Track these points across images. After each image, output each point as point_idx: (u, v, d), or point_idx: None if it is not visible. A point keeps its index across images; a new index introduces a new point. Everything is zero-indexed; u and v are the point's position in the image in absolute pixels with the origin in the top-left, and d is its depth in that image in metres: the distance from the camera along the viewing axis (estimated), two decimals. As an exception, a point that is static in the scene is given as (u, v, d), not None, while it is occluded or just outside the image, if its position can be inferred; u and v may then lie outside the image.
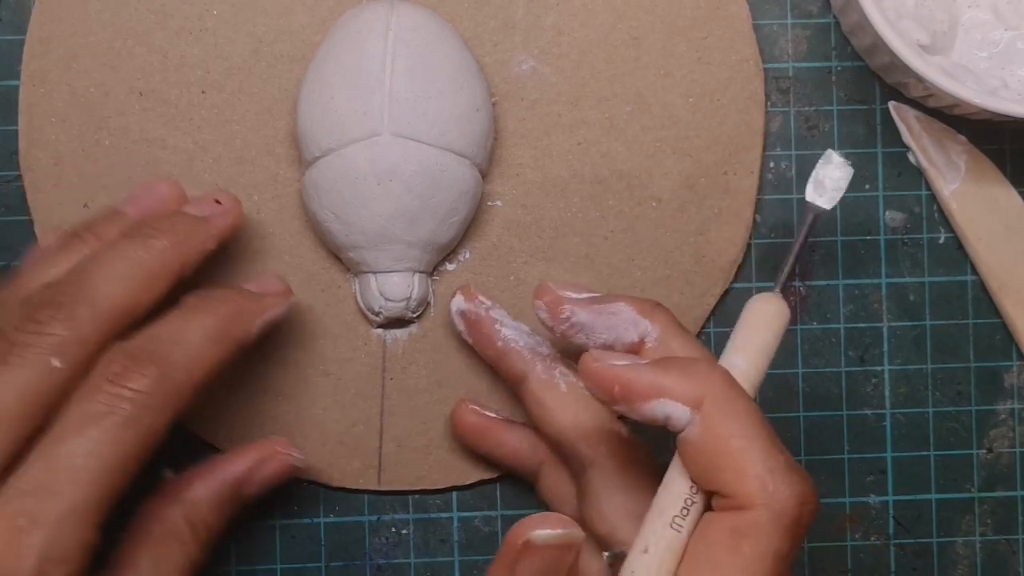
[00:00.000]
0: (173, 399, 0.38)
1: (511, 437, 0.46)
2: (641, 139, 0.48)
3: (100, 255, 0.40)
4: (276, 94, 0.47)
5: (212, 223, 0.43)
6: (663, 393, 0.37)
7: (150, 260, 0.40)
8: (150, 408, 0.37)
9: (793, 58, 0.49)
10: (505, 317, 0.45)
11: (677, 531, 0.37)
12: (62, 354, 0.37)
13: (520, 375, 0.44)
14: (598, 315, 0.41)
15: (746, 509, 0.36)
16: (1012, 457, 0.49)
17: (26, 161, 0.47)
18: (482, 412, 0.47)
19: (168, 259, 0.41)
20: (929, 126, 0.48)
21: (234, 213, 0.44)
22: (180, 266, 0.41)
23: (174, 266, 0.41)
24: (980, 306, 0.49)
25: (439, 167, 0.44)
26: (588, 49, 0.48)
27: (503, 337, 0.45)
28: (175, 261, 0.41)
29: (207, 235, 0.42)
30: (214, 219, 0.43)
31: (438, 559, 0.48)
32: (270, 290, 0.44)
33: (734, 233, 0.48)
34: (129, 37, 0.47)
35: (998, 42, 0.47)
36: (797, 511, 0.36)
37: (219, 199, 0.44)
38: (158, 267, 0.40)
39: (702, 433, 0.36)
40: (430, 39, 0.45)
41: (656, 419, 0.37)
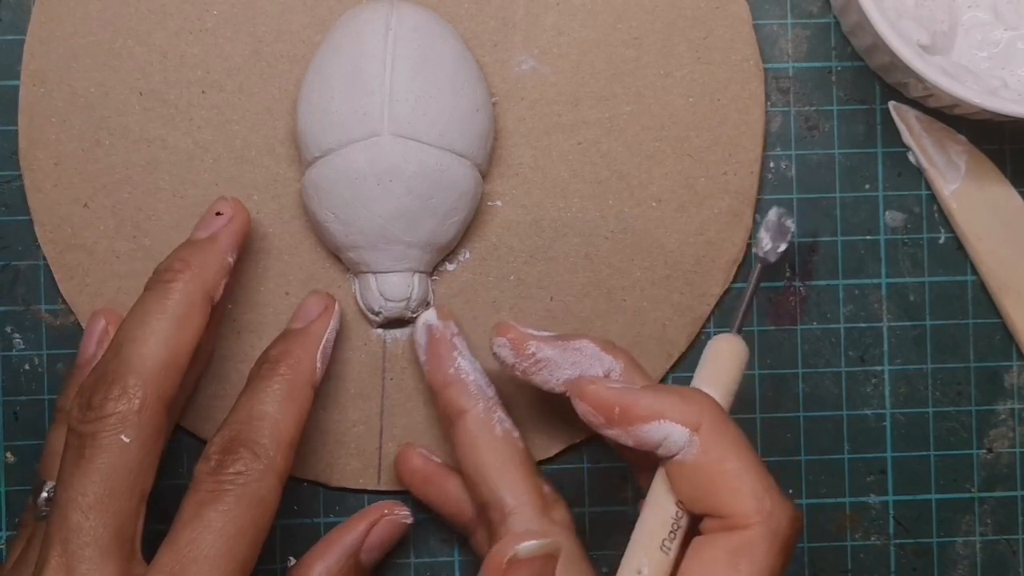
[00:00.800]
0: (271, 466, 0.39)
1: (455, 486, 0.46)
2: (641, 139, 0.48)
3: (128, 319, 0.41)
4: (276, 94, 0.47)
5: (222, 239, 0.44)
6: (662, 415, 0.38)
7: (175, 305, 0.41)
8: (253, 481, 0.39)
9: (793, 58, 0.49)
10: (465, 348, 0.45)
11: (666, 553, 0.38)
12: (128, 429, 0.38)
13: (459, 409, 0.44)
14: (563, 351, 0.42)
15: (742, 529, 0.37)
16: (1012, 457, 0.49)
17: (26, 161, 0.47)
18: (429, 457, 0.47)
19: (192, 295, 0.41)
20: (929, 126, 0.48)
21: (239, 219, 0.44)
22: (206, 295, 0.42)
23: (199, 298, 0.42)
24: (980, 306, 0.49)
25: (439, 167, 0.44)
26: (588, 49, 0.48)
27: (456, 365, 0.45)
28: (198, 292, 0.42)
29: (221, 253, 0.43)
30: (222, 234, 0.44)
31: (438, 559, 0.48)
32: (312, 315, 0.45)
33: (734, 233, 0.48)
34: (129, 37, 0.47)
35: (998, 42, 0.47)
36: (790, 530, 0.37)
37: (220, 210, 0.44)
38: (184, 308, 0.41)
39: (699, 455, 0.38)
40: (430, 39, 0.45)
41: (652, 441, 0.38)
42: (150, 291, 0.42)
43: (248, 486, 0.39)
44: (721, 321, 0.48)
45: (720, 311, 0.48)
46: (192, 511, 0.38)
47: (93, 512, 0.37)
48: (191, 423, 0.47)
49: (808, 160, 0.49)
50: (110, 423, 0.38)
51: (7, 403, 0.48)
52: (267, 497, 0.39)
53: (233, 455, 0.39)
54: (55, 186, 0.47)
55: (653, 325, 0.48)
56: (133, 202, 0.47)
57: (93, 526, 0.37)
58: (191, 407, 0.47)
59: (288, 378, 0.42)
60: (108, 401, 0.39)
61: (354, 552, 0.45)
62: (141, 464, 0.39)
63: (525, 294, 0.47)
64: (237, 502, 0.38)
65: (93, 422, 0.38)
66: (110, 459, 0.38)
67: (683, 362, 0.48)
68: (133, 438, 0.38)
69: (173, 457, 0.47)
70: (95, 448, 0.38)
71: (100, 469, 0.38)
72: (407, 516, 0.46)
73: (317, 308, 0.45)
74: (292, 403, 0.41)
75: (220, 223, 0.44)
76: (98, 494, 0.38)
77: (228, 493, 0.38)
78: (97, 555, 0.37)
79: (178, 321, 0.41)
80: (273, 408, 0.41)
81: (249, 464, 0.39)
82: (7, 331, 0.48)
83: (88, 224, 0.47)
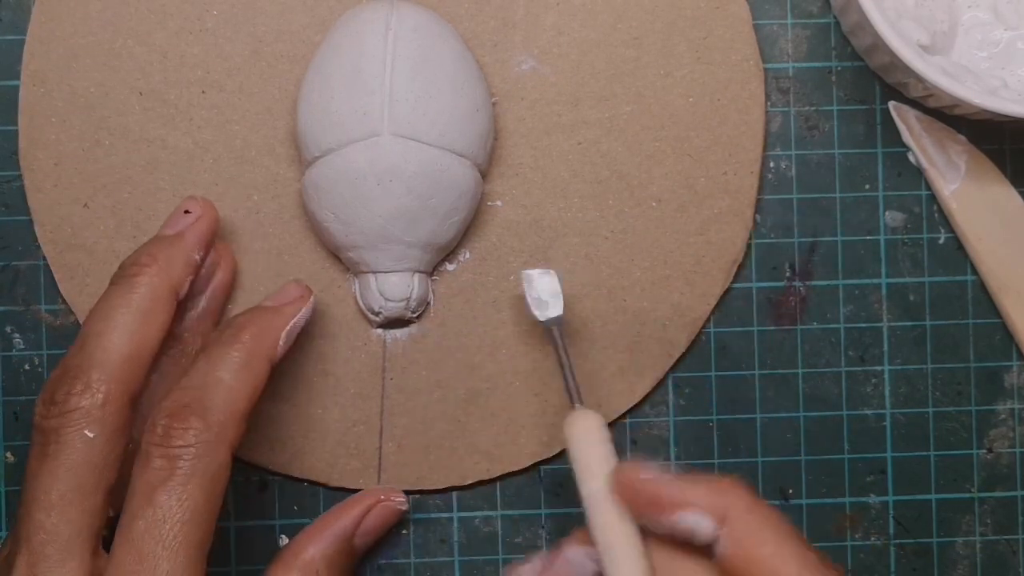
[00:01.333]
0: (222, 437, 0.39)
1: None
2: (641, 139, 0.48)
3: (92, 313, 0.41)
4: (276, 94, 0.47)
5: (189, 237, 0.44)
6: (688, 506, 0.37)
7: (139, 299, 0.41)
8: (203, 455, 0.38)
9: (793, 58, 0.49)
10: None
11: None
12: (91, 424, 0.38)
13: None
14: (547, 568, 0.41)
15: None
16: (1012, 457, 0.49)
17: (26, 161, 0.47)
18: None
19: (157, 288, 0.41)
20: (929, 126, 0.48)
21: (206, 218, 0.44)
22: (171, 289, 0.42)
23: (165, 292, 0.42)
24: (980, 306, 0.49)
25: (439, 167, 0.44)
26: (588, 49, 0.48)
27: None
28: (164, 286, 0.42)
29: (187, 250, 0.43)
30: (190, 232, 0.44)
31: (438, 559, 0.48)
32: (288, 299, 0.44)
33: (734, 233, 0.48)
34: (129, 37, 0.47)
35: (998, 42, 0.47)
36: None
37: (188, 208, 0.44)
38: (149, 302, 0.41)
39: (732, 545, 0.37)
40: (430, 39, 0.45)
41: (681, 531, 0.38)
42: (115, 286, 0.41)
43: (199, 460, 0.38)
44: (721, 321, 0.48)
45: (720, 311, 0.48)
46: (144, 494, 0.37)
47: (55, 510, 0.37)
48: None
49: (808, 160, 0.49)
50: (73, 418, 0.38)
51: (7, 403, 0.48)
52: (219, 471, 0.38)
53: (183, 424, 0.38)
54: (55, 186, 0.47)
55: (653, 325, 0.48)
56: (133, 202, 0.47)
57: (55, 524, 0.37)
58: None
59: (248, 347, 0.41)
60: (71, 396, 0.38)
61: (348, 536, 0.45)
62: (105, 459, 0.38)
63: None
64: (189, 480, 0.37)
65: (56, 417, 0.38)
66: (74, 455, 0.38)
67: (683, 362, 0.48)
68: (97, 433, 0.38)
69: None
70: (59, 444, 0.38)
71: (64, 465, 0.38)
72: (403, 503, 0.46)
73: (294, 293, 0.45)
74: (249, 373, 0.41)
75: (188, 221, 0.44)
76: (61, 491, 0.37)
77: (179, 470, 0.37)
78: (57, 553, 0.37)
79: (143, 315, 0.40)
80: (229, 375, 0.40)
81: (200, 434, 0.38)
82: (7, 331, 0.48)
83: (88, 224, 0.47)
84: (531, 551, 0.48)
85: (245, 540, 0.48)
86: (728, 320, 0.48)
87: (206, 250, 0.44)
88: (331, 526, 0.45)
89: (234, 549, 0.48)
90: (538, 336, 0.47)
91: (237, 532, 0.48)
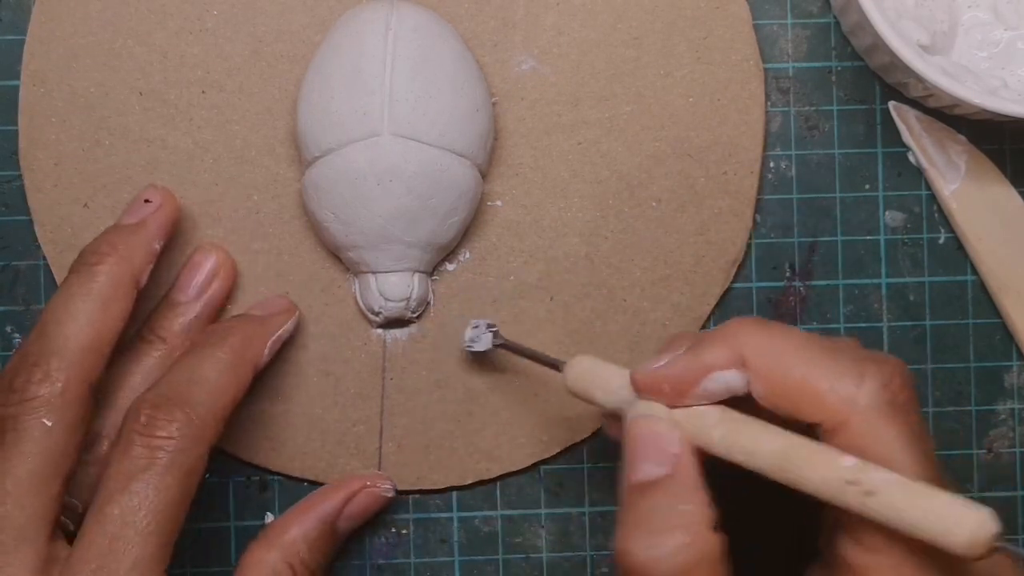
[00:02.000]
0: (203, 434, 0.39)
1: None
2: (641, 139, 0.48)
3: (53, 301, 0.41)
4: (276, 94, 0.47)
5: (150, 225, 0.44)
6: (708, 370, 0.37)
7: (99, 287, 0.41)
8: (183, 449, 0.38)
9: (793, 58, 0.49)
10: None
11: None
12: (50, 412, 0.38)
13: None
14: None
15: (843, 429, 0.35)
16: (1012, 457, 0.49)
17: (26, 161, 0.47)
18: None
19: (117, 278, 0.41)
20: (929, 126, 0.48)
21: (167, 207, 0.44)
22: (131, 278, 0.42)
23: (125, 280, 0.42)
24: (980, 306, 0.49)
25: (439, 167, 0.44)
26: (588, 49, 0.48)
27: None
28: (124, 275, 0.42)
29: (148, 239, 0.43)
30: (151, 221, 0.44)
31: (438, 559, 0.48)
32: (275, 310, 0.45)
33: (734, 233, 0.48)
34: (129, 37, 0.47)
35: (998, 42, 0.47)
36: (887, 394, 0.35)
37: (148, 198, 0.45)
38: (109, 290, 0.41)
39: (761, 387, 0.37)
40: (430, 39, 0.45)
41: (718, 395, 0.37)
42: (75, 274, 0.41)
43: (179, 453, 0.38)
44: (721, 321, 0.48)
45: (720, 311, 0.48)
46: (120, 481, 0.38)
47: (11, 497, 0.37)
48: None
49: (808, 160, 0.49)
50: (32, 406, 0.38)
51: (7, 403, 0.48)
52: (196, 466, 0.39)
53: (167, 416, 0.38)
54: (55, 186, 0.47)
55: (653, 325, 0.48)
56: (133, 202, 0.47)
57: (8, 510, 0.37)
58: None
59: (236, 350, 0.42)
60: (30, 384, 0.38)
61: (331, 520, 0.45)
62: (63, 448, 0.38)
63: (525, 294, 0.47)
64: (167, 471, 0.38)
65: (15, 405, 0.38)
66: (31, 443, 0.38)
67: (683, 362, 0.48)
68: (55, 421, 0.38)
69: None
70: (16, 432, 0.38)
71: (21, 453, 0.38)
72: (389, 490, 0.46)
73: (281, 305, 0.46)
74: (234, 375, 0.41)
75: (148, 210, 0.44)
76: (18, 478, 0.38)
77: (158, 461, 0.38)
78: (11, 540, 0.37)
79: (103, 303, 0.41)
80: (215, 374, 0.40)
81: (182, 428, 0.38)
82: (7, 331, 0.47)
83: (88, 224, 0.47)
84: (531, 551, 0.48)
85: (245, 540, 0.47)
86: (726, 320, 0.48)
87: (167, 239, 0.44)
88: (315, 508, 0.45)
89: (234, 549, 0.48)
90: (538, 335, 0.47)
91: (237, 532, 0.47)
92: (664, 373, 0.38)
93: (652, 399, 0.38)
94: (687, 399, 0.38)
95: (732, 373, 0.37)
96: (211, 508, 0.47)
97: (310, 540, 0.44)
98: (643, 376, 0.39)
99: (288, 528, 0.44)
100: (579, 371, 0.41)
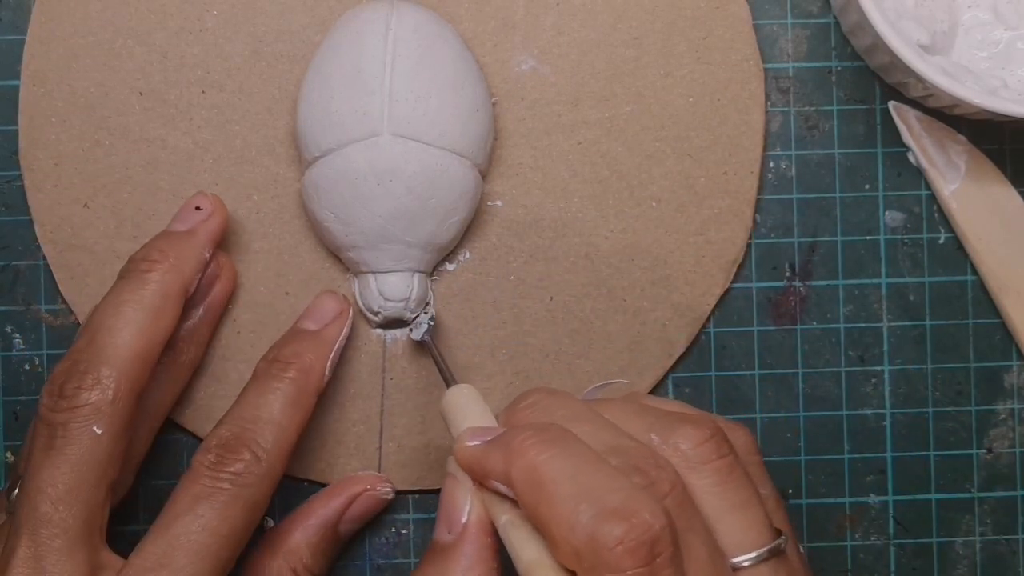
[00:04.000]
0: (270, 473, 0.40)
1: None
2: (641, 139, 0.48)
3: (102, 307, 0.41)
4: (276, 94, 0.47)
5: (200, 233, 0.44)
6: (488, 476, 0.36)
7: (151, 295, 0.41)
8: (250, 485, 0.39)
9: (793, 58, 0.49)
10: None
11: None
12: (100, 419, 0.38)
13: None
14: None
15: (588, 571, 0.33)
16: (1012, 457, 0.49)
17: (26, 161, 0.47)
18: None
19: (168, 286, 0.41)
20: (929, 126, 0.48)
21: (218, 215, 0.45)
22: (181, 287, 0.42)
23: (176, 290, 0.42)
24: (980, 306, 0.49)
25: (439, 167, 0.44)
26: (588, 49, 0.48)
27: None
28: (175, 284, 0.42)
29: (199, 247, 0.43)
30: (201, 228, 0.44)
31: (438, 559, 0.48)
32: (327, 317, 0.45)
33: (734, 233, 0.48)
34: (129, 37, 0.47)
35: (998, 42, 0.47)
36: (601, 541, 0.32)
37: (199, 205, 0.45)
38: (159, 299, 0.41)
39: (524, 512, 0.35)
40: (430, 39, 0.45)
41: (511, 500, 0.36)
42: (125, 280, 0.41)
43: (246, 488, 0.39)
44: (721, 321, 0.48)
45: (720, 311, 0.48)
46: (187, 503, 0.38)
47: (63, 503, 0.37)
48: (190, 422, 0.47)
49: (808, 160, 0.49)
50: (83, 413, 0.38)
51: (7, 403, 0.48)
52: (261, 502, 0.39)
53: (235, 454, 0.39)
54: (55, 186, 0.47)
55: (653, 325, 0.48)
56: (133, 202, 0.47)
57: (63, 517, 0.37)
58: (189, 406, 0.47)
59: (298, 384, 0.42)
60: (81, 391, 0.38)
61: (333, 524, 0.45)
62: (111, 455, 0.39)
63: (525, 294, 0.47)
64: (233, 502, 0.38)
65: (65, 411, 0.38)
66: (81, 450, 0.38)
67: (683, 362, 0.48)
68: (105, 429, 0.38)
69: (171, 456, 0.47)
70: (66, 438, 0.38)
71: (70, 460, 0.38)
72: (388, 492, 0.46)
73: (332, 311, 0.45)
74: (298, 409, 0.42)
75: (200, 217, 0.44)
76: (68, 485, 0.38)
77: (225, 492, 0.38)
78: (66, 546, 0.37)
79: (154, 312, 0.41)
80: (279, 412, 0.41)
81: (250, 466, 0.39)
82: (7, 331, 0.47)
83: (88, 224, 0.47)
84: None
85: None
86: (728, 320, 0.48)
87: (215, 247, 0.44)
88: (316, 513, 0.45)
89: (234, 549, 0.48)
90: (538, 335, 0.47)
91: (237, 532, 0.47)
92: (469, 457, 0.37)
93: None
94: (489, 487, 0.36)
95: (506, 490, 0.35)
96: (211, 508, 0.47)
97: (312, 545, 0.44)
98: (458, 448, 0.38)
99: (290, 534, 0.44)
100: (451, 400, 0.40)
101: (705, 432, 0.36)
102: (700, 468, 0.35)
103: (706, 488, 0.35)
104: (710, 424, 0.36)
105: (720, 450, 0.36)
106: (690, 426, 0.36)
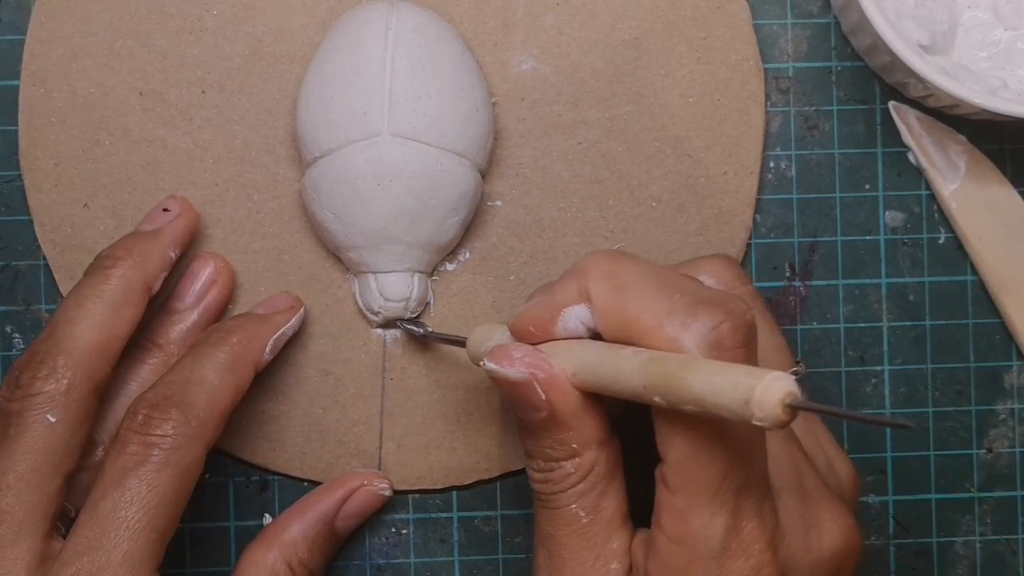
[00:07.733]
0: (200, 434, 0.39)
1: None
2: (641, 139, 0.48)
3: (65, 302, 0.42)
4: (276, 94, 0.47)
5: (165, 234, 0.44)
6: (559, 307, 0.37)
7: (112, 290, 0.41)
8: (179, 448, 0.39)
9: (793, 58, 0.49)
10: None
11: None
12: (54, 408, 0.39)
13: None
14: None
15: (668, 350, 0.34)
16: (1012, 457, 0.49)
17: (26, 161, 0.47)
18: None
19: (130, 281, 0.42)
20: (929, 126, 0.48)
21: (185, 217, 0.45)
22: (143, 283, 0.42)
23: (137, 285, 0.42)
24: (980, 306, 0.49)
25: (439, 167, 0.44)
26: (588, 49, 0.48)
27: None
28: (137, 280, 0.42)
29: (164, 246, 0.44)
30: (167, 228, 0.44)
31: (438, 559, 0.48)
32: (278, 308, 0.45)
33: (734, 233, 0.48)
34: (129, 37, 0.47)
35: (998, 42, 0.47)
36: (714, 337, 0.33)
37: (167, 207, 0.45)
38: (120, 294, 0.42)
39: (600, 322, 0.36)
40: (430, 39, 0.45)
41: (578, 332, 0.37)
42: (88, 276, 0.42)
43: (175, 451, 0.38)
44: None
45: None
46: (114, 477, 0.38)
47: (12, 491, 0.38)
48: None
49: (808, 160, 0.49)
50: (37, 402, 0.39)
51: (7, 403, 0.48)
52: (192, 466, 0.39)
53: (164, 414, 0.39)
54: (55, 186, 0.47)
55: (653, 325, 0.48)
56: (133, 202, 0.47)
57: (9, 504, 0.38)
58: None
59: (236, 351, 0.42)
60: (36, 380, 0.39)
61: (329, 519, 0.45)
62: (65, 445, 0.39)
63: (525, 294, 0.47)
64: (161, 469, 0.38)
65: (20, 400, 0.39)
66: (34, 438, 0.38)
67: (683, 362, 0.48)
68: (59, 418, 0.39)
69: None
70: (20, 426, 0.38)
71: (23, 448, 0.38)
72: (386, 488, 0.47)
73: (285, 303, 0.46)
74: (233, 375, 0.41)
75: (167, 219, 0.45)
76: (19, 473, 0.38)
77: (153, 458, 0.38)
78: (10, 533, 0.38)
79: (114, 307, 0.41)
80: (214, 375, 0.41)
81: (179, 427, 0.39)
82: (7, 331, 0.48)
83: (88, 224, 0.47)
84: (531, 551, 0.48)
85: (245, 540, 0.47)
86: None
87: (183, 249, 0.45)
88: (313, 507, 0.45)
89: (234, 549, 0.48)
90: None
91: (237, 532, 0.48)
92: (527, 316, 0.38)
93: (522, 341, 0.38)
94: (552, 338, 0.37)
95: (581, 308, 0.36)
96: (211, 508, 0.47)
97: (309, 539, 0.44)
98: (513, 322, 0.38)
99: (287, 528, 0.44)
100: (474, 338, 0.41)
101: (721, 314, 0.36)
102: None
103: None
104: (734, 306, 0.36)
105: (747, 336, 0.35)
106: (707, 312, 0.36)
